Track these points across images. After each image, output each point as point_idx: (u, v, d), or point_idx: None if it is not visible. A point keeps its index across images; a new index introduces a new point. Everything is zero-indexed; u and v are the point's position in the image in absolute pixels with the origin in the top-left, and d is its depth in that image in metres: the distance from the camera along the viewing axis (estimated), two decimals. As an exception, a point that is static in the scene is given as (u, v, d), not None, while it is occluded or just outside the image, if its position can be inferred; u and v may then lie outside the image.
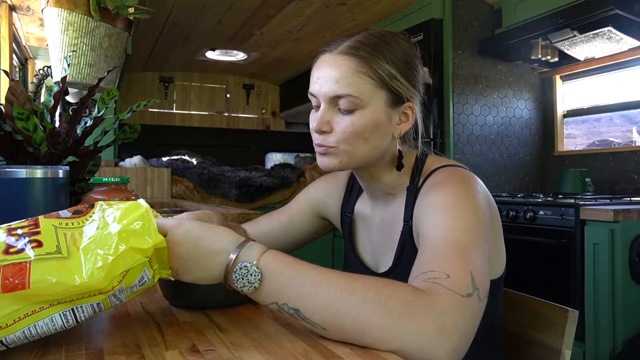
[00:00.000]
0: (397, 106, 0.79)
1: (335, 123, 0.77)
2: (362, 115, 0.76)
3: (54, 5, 1.23)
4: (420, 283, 0.60)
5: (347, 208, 0.96)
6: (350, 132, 0.76)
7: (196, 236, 0.59)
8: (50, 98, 0.99)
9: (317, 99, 0.79)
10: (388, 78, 0.77)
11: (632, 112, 2.48)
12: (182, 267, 0.59)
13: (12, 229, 0.55)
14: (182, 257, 0.58)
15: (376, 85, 0.76)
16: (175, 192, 2.99)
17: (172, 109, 4.32)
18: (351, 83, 0.75)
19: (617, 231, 1.68)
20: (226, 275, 0.58)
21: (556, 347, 0.82)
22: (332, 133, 0.78)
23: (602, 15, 1.96)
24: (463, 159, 2.52)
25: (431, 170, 0.81)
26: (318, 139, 0.79)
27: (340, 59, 0.76)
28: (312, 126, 0.80)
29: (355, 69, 0.75)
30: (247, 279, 0.57)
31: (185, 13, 2.81)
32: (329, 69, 0.77)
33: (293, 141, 4.63)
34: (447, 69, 2.51)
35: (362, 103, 0.76)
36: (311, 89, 0.80)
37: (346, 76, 0.75)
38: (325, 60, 0.78)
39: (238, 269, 0.58)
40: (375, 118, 0.77)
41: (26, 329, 0.51)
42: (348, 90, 0.75)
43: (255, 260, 0.58)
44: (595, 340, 1.71)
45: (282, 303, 0.58)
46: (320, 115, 0.78)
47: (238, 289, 0.58)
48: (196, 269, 0.59)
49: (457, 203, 0.71)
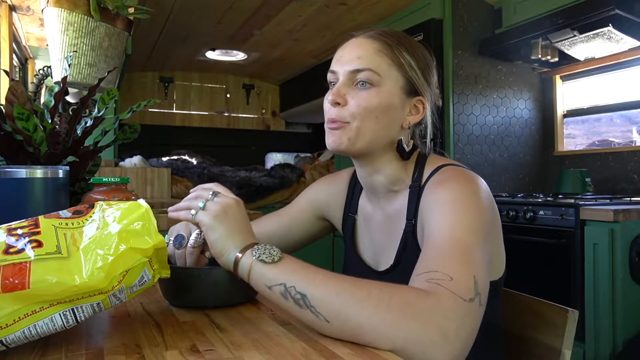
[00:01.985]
0: (410, 96, 0.82)
1: (350, 97, 0.79)
2: (377, 92, 0.79)
3: (54, 5, 1.23)
4: (423, 283, 0.60)
5: (350, 208, 0.96)
6: (363, 107, 0.78)
7: (246, 215, 0.69)
8: (51, 98, 0.99)
9: (337, 74, 0.82)
10: (407, 66, 0.81)
11: (632, 112, 2.48)
12: (219, 219, 0.65)
13: (12, 229, 0.55)
14: (227, 213, 0.66)
15: (395, 68, 0.80)
16: (175, 192, 2.99)
17: (172, 109, 4.31)
18: (372, 60, 0.79)
19: (617, 231, 1.68)
20: (247, 246, 0.64)
21: (556, 347, 0.82)
22: (345, 106, 0.79)
23: (602, 15, 1.96)
24: (463, 159, 2.52)
25: (435, 168, 0.82)
26: (332, 113, 0.80)
27: (365, 40, 0.81)
28: (327, 100, 0.81)
29: (377, 49, 0.80)
30: (270, 251, 0.62)
31: (185, 13, 2.81)
32: (352, 48, 0.81)
33: (293, 141, 4.63)
34: (447, 69, 2.51)
35: (379, 80, 0.79)
36: (333, 66, 0.83)
37: (368, 54, 0.79)
38: (351, 42, 0.83)
39: (262, 245, 0.64)
40: (389, 99, 0.80)
41: (26, 329, 0.51)
42: (368, 65, 0.78)
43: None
44: (595, 340, 1.71)
45: (290, 285, 0.59)
46: (338, 87, 0.80)
47: (256, 257, 0.62)
48: (227, 228, 0.65)
49: (463, 202, 0.71)
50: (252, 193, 3.14)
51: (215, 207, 0.66)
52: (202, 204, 0.67)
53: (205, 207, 0.67)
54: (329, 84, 0.84)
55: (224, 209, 0.66)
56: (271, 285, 0.60)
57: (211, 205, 0.67)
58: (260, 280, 0.61)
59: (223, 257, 0.65)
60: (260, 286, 0.62)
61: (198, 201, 0.68)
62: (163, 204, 2.60)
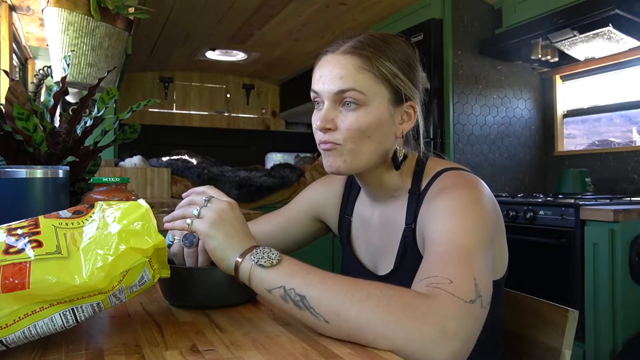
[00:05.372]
0: (399, 105, 0.80)
1: (339, 121, 0.77)
2: (366, 112, 0.76)
3: (54, 5, 1.23)
4: (423, 288, 0.60)
5: (346, 210, 0.96)
6: (355, 129, 0.76)
7: (242, 217, 0.69)
8: (50, 98, 0.99)
9: (321, 97, 0.79)
10: (390, 76, 0.77)
11: (632, 112, 2.48)
12: (216, 226, 0.65)
13: (12, 229, 0.55)
14: (223, 219, 0.65)
15: (379, 82, 0.77)
16: (175, 192, 2.99)
17: (172, 109, 4.31)
18: (356, 79, 0.76)
19: (617, 231, 1.68)
20: (247, 251, 0.63)
21: (556, 347, 0.82)
22: (336, 131, 0.77)
23: (602, 15, 1.95)
24: (463, 159, 2.52)
25: (435, 173, 0.81)
26: (323, 137, 0.78)
27: (343, 57, 0.77)
28: (315, 125, 0.79)
29: (358, 66, 0.76)
30: (268, 255, 0.62)
31: (185, 13, 2.81)
32: (332, 67, 0.77)
33: (293, 141, 4.63)
34: (447, 69, 2.51)
35: (365, 99, 0.76)
36: (314, 86, 0.80)
37: (350, 72, 0.76)
38: (328, 60, 0.78)
39: (261, 248, 0.63)
40: (379, 115, 0.77)
41: (26, 329, 0.51)
42: (352, 85, 0.75)
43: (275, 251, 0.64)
44: (595, 340, 1.71)
45: (289, 288, 0.59)
46: (325, 113, 0.77)
47: (254, 262, 0.61)
48: (225, 234, 0.65)
49: (464, 208, 0.70)
50: (252, 193, 3.14)
51: (210, 214, 0.65)
52: (197, 211, 0.66)
53: (200, 215, 0.66)
54: (314, 102, 0.81)
55: (219, 214, 0.65)
56: (271, 289, 0.60)
57: (206, 212, 0.66)
58: (261, 284, 0.61)
59: (224, 263, 0.65)
60: (260, 290, 0.62)
61: (192, 208, 0.67)
62: (163, 204, 2.60)
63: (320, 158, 0.84)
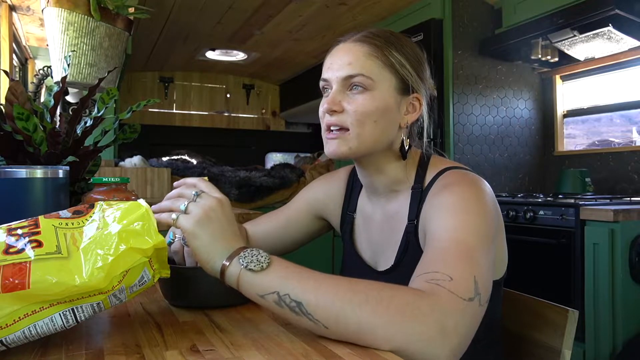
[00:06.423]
0: (405, 94, 0.82)
1: (346, 103, 0.79)
2: (372, 96, 0.78)
3: (54, 5, 1.23)
4: (423, 284, 0.60)
5: (349, 207, 0.96)
6: (361, 112, 0.78)
7: (232, 216, 0.65)
8: (50, 98, 0.99)
9: (330, 83, 0.81)
10: (398, 65, 0.80)
11: (632, 112, 2.48)
12: (202, 225, 0.61)
13: (12, 229, 0.55)
14: (210, 217, 0.61)
15: (386, 69, 0.80)
16: (175, 192, 2.99)
17: (172, 109, 4.31)
18: (363, 65, 0.79)
19: (617, 231, 1.68)
20: (234, 254, 0.60)
21: (556, 347, 0.82)
22: (343, 113, 0.79)
23: (602, 15, 1.95)
24: (463, 159, 2.52)
25: (439, 171, 0.82)
26: (330, 120, 0.80)
27: (353, 45, 0.81)
28: (322, 109, 0.81)
29: (367, 53, 0.79)
30: (257, 258, 0.59)
31: (185, 13, 2.81)
32: (342, 55, 0.80)
33: (293, 141, 4.63)
34: (447, 69, 2.51)
35: (372, 84, 0.78)
36: (324, 75, 0.82)
37: (358, 58, 0.79)
38: (339, 49, 0.82)
39: (249, 250, 0.60)
40: (385, 101, 0.79)
41: (26, 329, 0.51)
42: (360, 70, 0.78)
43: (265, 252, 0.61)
44: (595, 340, 1.71)
45: (284, 294, 0.57)
46: (332, 96, 0.79)
47: (243, 266, 0.58)
48: (210, 234, 0.61)
49: (467, 206, 0.71)
50: (252, 193, 3.14)
51: (197, 211, 0.61)
52: (184, 206, 0.62)
53: (187, 210, 0.62)
54: (322, 91, 0.84)
55: (207, 212, 0.61)
56: (264, 294, 0.58)
57: (193, 209, 0.62)
58: (252, 289, 0.59)
59: (208, 265, 0.61)
60: (252, 295, 0.59)
61: (180, 202, 0.63)
62: (163, 204, 2.59)
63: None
